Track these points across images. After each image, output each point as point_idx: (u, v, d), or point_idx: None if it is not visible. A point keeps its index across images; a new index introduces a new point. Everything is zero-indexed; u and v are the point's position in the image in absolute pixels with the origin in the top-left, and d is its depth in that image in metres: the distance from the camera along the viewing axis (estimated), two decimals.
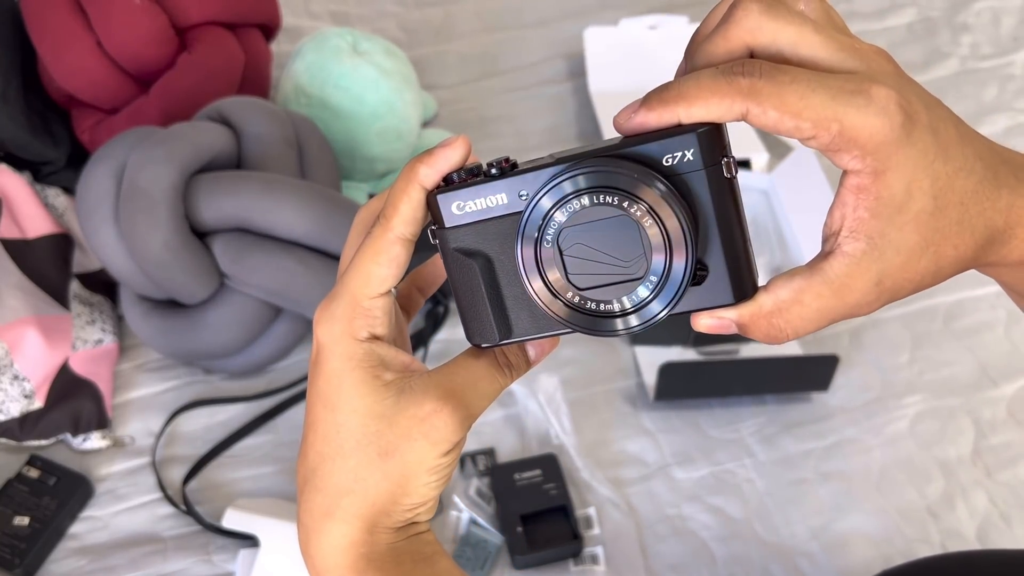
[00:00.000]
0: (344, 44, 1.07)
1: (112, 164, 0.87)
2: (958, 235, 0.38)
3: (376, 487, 0.41)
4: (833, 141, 0.36)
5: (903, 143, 0.36)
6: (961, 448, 0.94)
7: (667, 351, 0.98)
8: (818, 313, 0.38)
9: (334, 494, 0.41)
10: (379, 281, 0.41)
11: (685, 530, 0.88)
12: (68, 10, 0.98)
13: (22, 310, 0.91)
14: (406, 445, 0.40)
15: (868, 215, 0.37)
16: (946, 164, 0.38)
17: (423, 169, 0.40)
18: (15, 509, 0.85)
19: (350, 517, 0.41)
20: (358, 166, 1.09)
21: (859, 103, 0.36)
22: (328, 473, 0.41)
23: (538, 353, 0.44)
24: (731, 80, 0.36)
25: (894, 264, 0.38)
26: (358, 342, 0.41)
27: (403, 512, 0.42)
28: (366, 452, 0.41)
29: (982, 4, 1.40)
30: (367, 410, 0.41)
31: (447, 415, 0.40)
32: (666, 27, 1.26)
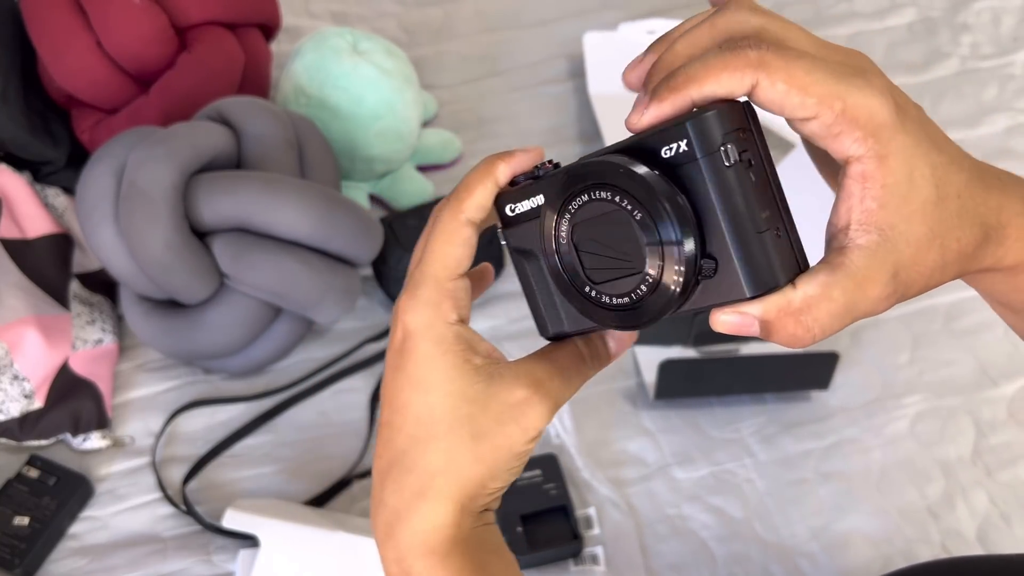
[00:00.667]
0: (344, 44, 1.07)
1: (112, 164, 0.87)
2: (959, 227, 0.38)
3: (468, 469, 0.41)
4: (836, 121, 0.36)
5: (899, 129, 0.36)
6: (961, 448, 0.94)
7: (667, 350, 0.98)
8: (845, 308, 0.37)
9: (428, 474, 0.42)
10: (456, 262, 0.42)
11: (685, 530, 0.88)
12: (68, 10, 0.98)
13: (22, 310, 0.92)
14: (497, 429, 0.41)
15: (876, 206, 0.37)
16: (940, 155, 0.38)
17: (501, 165, 0.42)
18: (15, 509, 0.85)
19: (443, 498, 0.42)
20: (358, 166, 1.09)
21: (860, 83, 0.36)
22: (421, 454, 0.42)
23: (618, 346, 0.45)
24: (740, 53, 0.36)
25: (906, 256, 0.37)
26: (448, 325, 0.42)
27: (487, 496, 0.43)
28: (459, 434, 0.41)
29: (982, 4, 1.40)
30: (460, 393, 0.41)
31: (537, 403, 0.41)
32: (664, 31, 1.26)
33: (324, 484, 0.90)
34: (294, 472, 0.91)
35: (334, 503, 0.89)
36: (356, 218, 0.91)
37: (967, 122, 1.25)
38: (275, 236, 0.88)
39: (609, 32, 1.26)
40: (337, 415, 0.96)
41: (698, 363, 0.95)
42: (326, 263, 0.90)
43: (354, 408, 0.96)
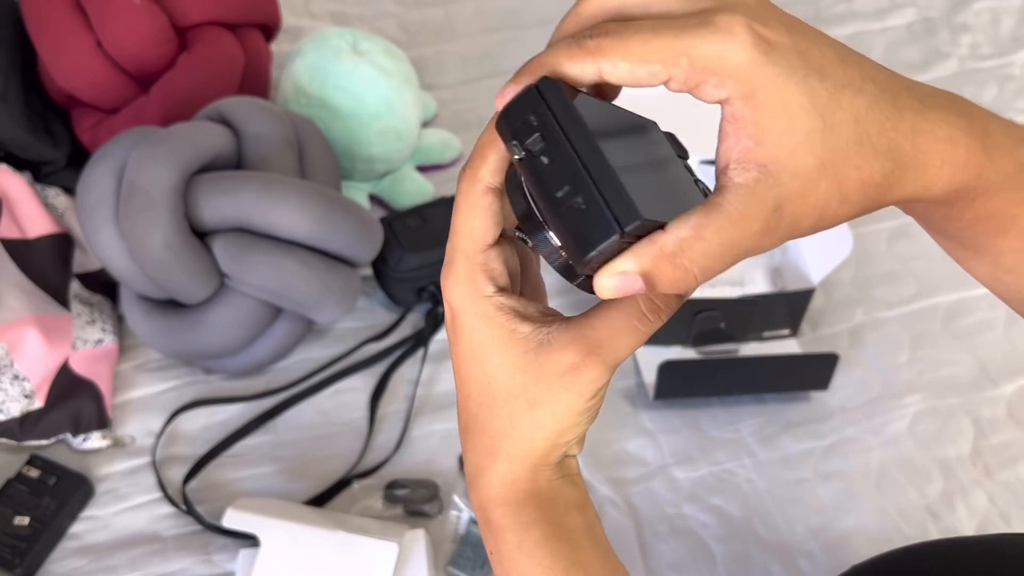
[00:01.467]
0: (344, 44, 1.07)
1: (112, 164, 0.87)
2: (859, 155, 0.37)
3: (532, 433, 0.43)
4: (688, 76, 0.36)
5: (762, 63, 0.36)
6: (961, 448, 0.94)
7: (667, 350, 0.98)
8: (722, 247, 0.37)
9: (495, 437, 0.43)
10: (481, 234, 0.41)
11: (685, 530, 0.88)
12: (68, 10, 0.98)
13: (22, 310, 0.92)
14: (552, 396, 0.42)
15: (752, 143, 0.36)
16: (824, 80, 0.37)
17: None
18: (15, 509, 0.85)
19: (511, 457, 0.44)
20: (358, 166, 1.09)
21: (703, 32, 0.36)
22: (488, 419, 0.44)
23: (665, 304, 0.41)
24: (581, 43, 0.37)
25: (792, 189, 0.36)
26: (487, 299, 0.42)
27: (561, 448, 0.44)
28: (517, 403, 0.42)
29: (982, 4, 1.41)
30: (512, 364, 0.42)
31: (588, 368, 0.41)
32: None
33: (324, 484, 0.90)
34: (294, 472, 0.91)
35: (334, 503, 0.89)
36: (356, 218, 0.91)
37: None
38: (275, 236, 0.88)
39: None
40: (337, 415, 0.96)
41: (697, 364, 0.95)
42: (326, 263, 0.90)
43: (354, 408, 0.96)
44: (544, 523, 0.44)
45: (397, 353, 1.00)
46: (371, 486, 0.90)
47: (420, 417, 0.96)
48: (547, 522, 0.44)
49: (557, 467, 0.45)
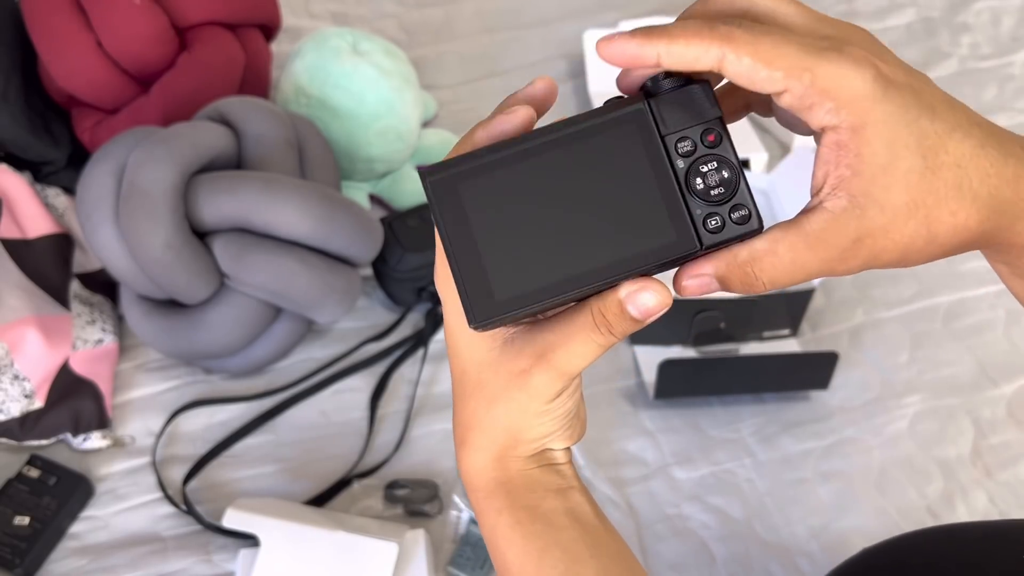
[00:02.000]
0: (344, 44, 1.07)
1: (112, 164, 0.87)
2: (956, 200, 0.37)
3: (492, 427, 0.44)
4: (807, 92, 0.36)
5: (879, 99, 0.36)
6: (961, 448, 0.94)
7: (667, 350, 0.98)
8: (792, 265, 0.38)
9: (465, 427, 0.46)
10: None
11: (685, 530, 0.88)
12: (68, 10, 0.98)
13: (22, 310, 0.92)
14: (507, 395, 0.43)
15: (850, 173, 0.37)
16: (935, 122, 0.37)
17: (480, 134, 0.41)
18: (15, 509, 0.85)
19: (476, 448, 0.45)
20: (358, 166, 1.09)
21: (832, 56, 0.36)
22: (460, 409, 0.46)
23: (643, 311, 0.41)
24: (712, 26, 0.37)
25: (877, 224, 0.37)
26: None
27: (528, 445, 0.45)
28: (479, 397, 0.44)
29: (982, 4, 1.41)
30: (478, 359, 0.44)
31: (538, 372, 0.42)
32: None
33: (324, 484, 0.90)
34: (294, 472, 0.91)
35: (334, 503, 0.89)
36: (356, 218, 0.91)
37: None
38: (275, 236, 0.88)
39: (609, 30, 1.26)
40: (337, 415, 0.96)
41: (697, 363, 0.95)
42: (326, 263, 0.90)
43: (354, 408, 0.96)
44: (516, 508, 0.45)
45: (397, 353, 1.00)
46: (371, 486, 0.90)
47: (420, 417, 0.96)
48: (519, 507, 0.45)
49: (531, 458, 0.46)
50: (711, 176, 0.40)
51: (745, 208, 0.40)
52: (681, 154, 0.40)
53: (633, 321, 0.41)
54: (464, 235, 0.39)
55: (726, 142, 0.40)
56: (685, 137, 0.40)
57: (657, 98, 0.40)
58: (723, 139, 0.40)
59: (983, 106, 1.27)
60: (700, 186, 0.40)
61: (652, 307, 0.40)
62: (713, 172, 0.40)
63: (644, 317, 0.41)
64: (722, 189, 0.40)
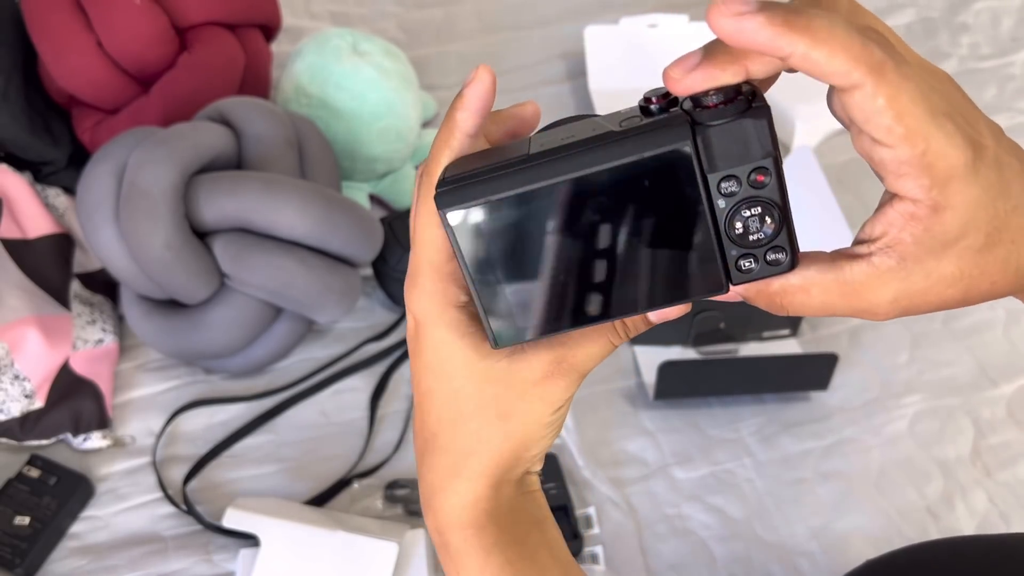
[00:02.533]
0: (344, 44, 1.07)
1: (112, 164, 0.88)
2: (1000, 273, 0.37)
3: (499, 446, 0.42)
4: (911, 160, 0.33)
5: (970, 181, 0.34)
6: (960, 448, 0.94)
7: (666, 350, 0.98)
8: (822, 306, 0.37)
9: (460, 454, 0.43)
10: (443, 241, 0.39)
11: (685, 530, 0.88)
12: (68, 10, 0.98)
13: (23, 310, 0.92)
14: (523, 406, 0.41)
15: (911, 240, 0.35)
16: (1006, 202, 0.36)
17: (460, 114, 0.38)
18: (16, 509, 0.85)
19: (476, 475, 0.43)
20: (358, 166, 1.09)
21: (948, 127, 0.33)
22: (452, 436, 0.43)
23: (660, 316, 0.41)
24: (865, 42, 0.32)
25: (917, 287, 0.36)
26: (457, 308, 0.41)
27: (524, 464, 0.43)
28: (486, 415, 0.42)
29: (981, 4, 1.41)
30: (482, 375, 0.41)
31: (560, 377, 0.41)
32: (666, 26, 1.26)
33: (324, 484, 0.90)
34: (294, 472, 0.91)
35: (334, 503, 0.89)
36: (356, 218, 0.91)
37: None
38: (275, 236, 0.89)
39: (611, 26, 1.26)
40: (337, 415, 0.96)
41: (697, 364, 0.95)
42: (326, 263, 0.90)
43: (354, 408, 0.96)
44: (506, 545, 0.43)
45: (397, 353, 1.00)
46: (371, 486, 0.90)
47: None
48: (509, 544, 0.43)
49: (518, 483, 0.44)
50: (752, 222, 0.36)
51: (783, 251, 0.37)
52: (724, 194, 0.36)
53: (648, 324, 0.41)
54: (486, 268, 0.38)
55: (775, 182, 0.36)
56: (732, 176, 0.35)
57: (704, 130, 0.35)
58: (773, 178, 0.36)
59: (983, 106, 1.27)
60: (740, 231, 0.36)
61: (670, 313, 0.40)
62: (754, 218, 0.36)
63: (660, 320, 0.41)
64: (762, 235, 0.36)
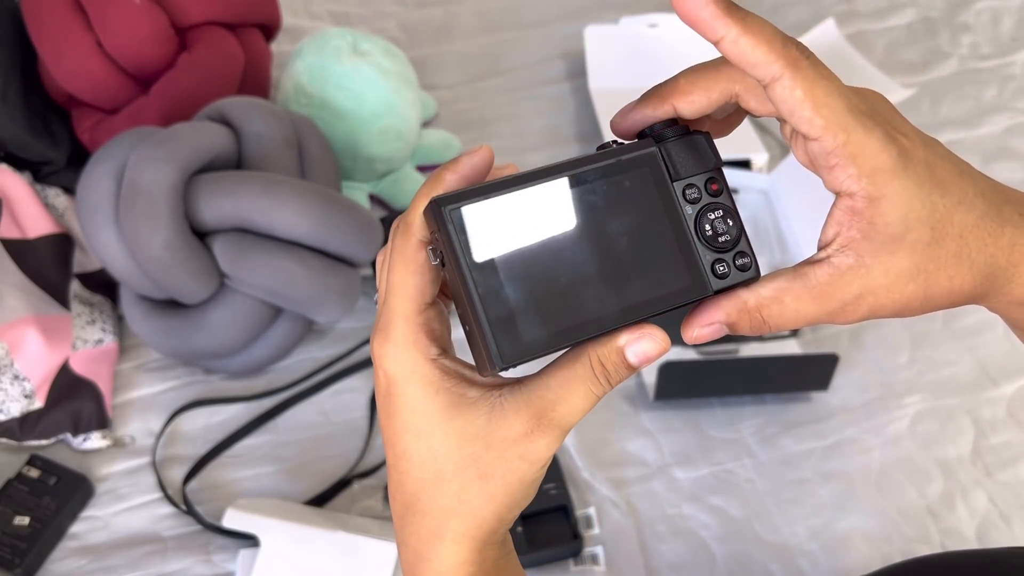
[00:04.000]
0: (344, 44, 1.07)
1: (112, 164, 0.88)
2: (955, 267, 0.40)
3: (482, 508, 0.40)
4: (835, 151, 0.37)
5: (899, 173, 0.38)
6: (961, 448, 0.94)
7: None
8: (796, 314, 0.40)
9: (441, 517, 0.41)
10: (419, 292, 0.39)
11: (685, 530, 0.88)
12: (68, 10, 0.98)
13: (22, 310, 0.92)
14: (504, 466, 0.40)
15: (860, 236, 0.39)
16: (945, 196, 0.39)
17: (448, 175, 0.40)
18: (15, 509, 0.85)
19: (459, 538, 0.41)
20: (358, 166, 1.09)
21: (868, 123, 0.38)
22: (432, 497, 0.41)
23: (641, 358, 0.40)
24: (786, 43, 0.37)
25: (879, 283, 0.39)
26: (432, 362, 0.40)
27: (506, 525, 0.42)
28: (466, 475, 0.40)
29: (982, 4, 1.41)
30: (460, 433, 0.39)
31: (540, 435, 0.39)
32: (666, 25, 1.26)
33: (324, 484, 0.90)
34: (294, 472, 0.91)
35: (334, 503, 0.89)
36: (356, 218, 0.91)
37: (967, 122, 1.25)
38: (275, 236, 0.89)
39: (610, 26, 1.26)
40: (337, 415, 0.96)
41: (697, 364, 0.95)
42: (326, 263, 0.90)
43: (354, 408, 0.96)
44: None
45: None
46: (371, 486, 0.90)
47: None
48: None
49: (501, 545, 0.43)
50: (717, 224, 0.41)
51: (747, 256, 0.41)
52: (688, 200, 0.40)
53: (629, 368, 0.40)
54: (487, 273, 0.37)
55: (726, 191, 0.41)
56: (692, 184, 0.40)
57: (665, 144, 0.40)
58: (724, 188, 0.41)
59: (983, 106, 1.27)
60: (709, 232, 0.40)
61: (651, 354, 0.40)
62: (719, 220, 0.41)
63: (640, 364, 0.40)
64: (727, 237, 0.41)
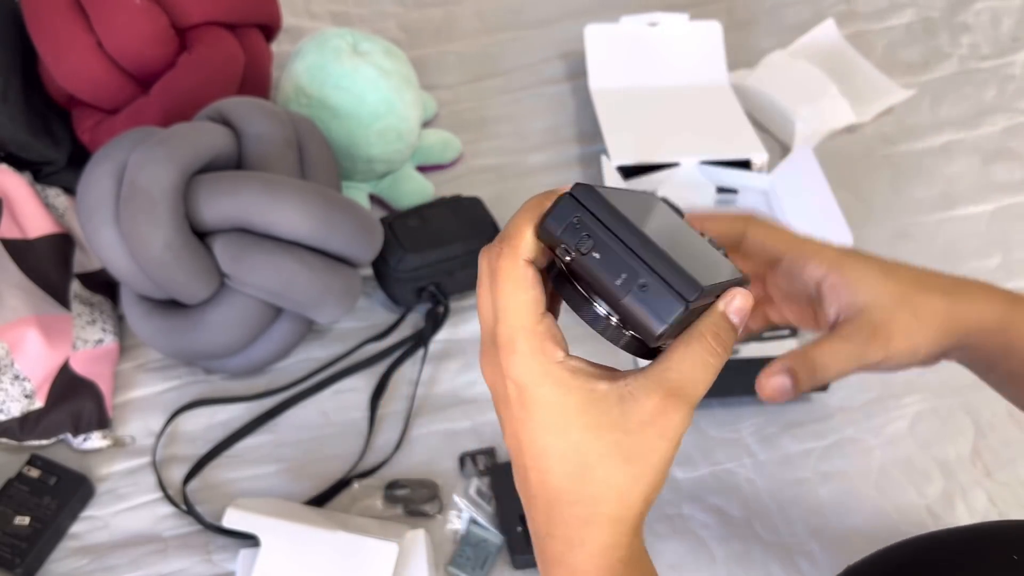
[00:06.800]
0: (344, 44, 1.07)
1: (112, 164, 0.88)
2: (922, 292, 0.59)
3: (629, 490, 0.43)
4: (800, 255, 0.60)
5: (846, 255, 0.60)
6: (960, 448, 0.94)
7: None
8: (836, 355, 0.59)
9: (591, 504, 0.43)
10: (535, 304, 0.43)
11: (685, 530, 0.88)
12: (68, 10, 0.98)
13: (23, 310, 0.92)
14: (646, 447, 0.42)
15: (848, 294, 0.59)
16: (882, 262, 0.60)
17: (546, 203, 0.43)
18: (16, 509, 0.85)
19: (608, 521, 0.43)
20: (358, 166, 1.09)
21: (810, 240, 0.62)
22: (580, 487, 0.43)
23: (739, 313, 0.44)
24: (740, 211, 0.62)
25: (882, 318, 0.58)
26: (560, 364, 0.42)
27: (651, 504, 0.44)
28: (612, 461, 0.42)
29: (981, 4, 1.41)
30: (597, 424, 0.42)
31: (672, 411, 0.42)
32: (667, 24, 1.26)
33: (324, 484, 0.90)
34: (294, 472, 0.91)
35: (335, 503, 0.89)
36: (356, 218, 0.91)
37: (967, 123, 1.25)
38: (275, 236, 0.89)
39: (611, 25, 1.26)
40: (337, 415, 0.96)
41: None
42: (326, 263, 0.90)
43: (354, 408, 0.96)
44: None
45: (397, 353, 1.00)
46: (371, 486, 0.90)
47: (420, 417, 0.96)
48: None
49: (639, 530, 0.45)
50: None
51: None
52: None
53: (733, 328, 0.44)
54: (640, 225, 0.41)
55: None
56: None
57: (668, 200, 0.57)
58: None
59: (983, 106, 1.27)
60: None
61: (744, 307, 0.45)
62: None
63: (740, 321, 0.45)
64: None
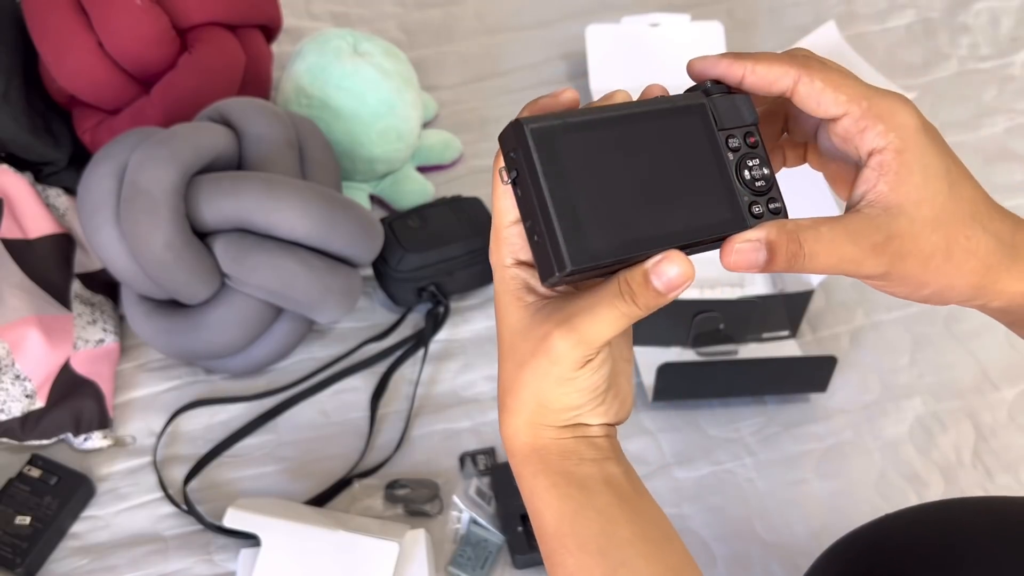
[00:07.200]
0: (345, 45, 1.07)
1: (113, 165, 0.88)
2: (970, 227, 0.45)
3: (522, 392, 0.46)
4: (863, 116, 0.44)
5: (920, 129, 0.44)
6: (961, 451, 0.94)
7: (666, 352, 0.98)
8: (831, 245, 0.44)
9: (503, 391, 0.48)
10: (503, 212, 0.45)
11: (685, 530, 0.88)
12: (69, 11, 0.98)
13: (24, 310, 0.92)
14: (532, 360, 0.45)
15: (887, 189, 0.44)
16: (958, 165, 0.45)
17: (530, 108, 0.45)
18: (16, 508, 0.85)
19: (509, 411, 0.47)
20: (359, 167, 1.09)
21: (883, 92, 0.45)
22: (501, 370, 0.48)
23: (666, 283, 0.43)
24: (792, 54, 0.46)
25: (905, 229, 0.44)
26: (505, 268, 0.46)
27: (555, 415, 0.47)
28: (511, 361, 0.47)
29: (981, 5, 1.41)
30: (511, 327, 0.46)
31: (559, 338, 0.44)
32: (668, 25, 1.26)
33: (325, 484, 0.90)
34: (295, 472, 0.91)
35: (335, 502, 0.89)
36: (356, 219, 0.91)
37: (967, 123, 1.25)
38: (276, 237, 0.89)
39: (612, 25, 1.26)
40: (337, 415, 0.96)
41: (696, 366, 0.95)
42: (326, 263, 0.90)
43: (354, 408, 0.96)
44: (550, 472, 0.47)
45: (397, 353, 1.00)
46: (371, 486, 0.90)
47: (420, 417, 0.96)
48: (554, 472, 0.47)
49: (564, 429, 0.47)
50: (755, 170, 0.46)
51: (779, 202, 0.47)
52: (731, 148, 0.46)
53: (656, 293, 0.43)
54: (561, 185, 0.41)
55: (762, 146, 0.47)
56: (733, 135, 0.46)
57: (712, 98, 0.46)
58: (760, 143, 0.47)
59: (983, 107, 1.27)
60: (748, 176, 0.46)
61: (674, 279, 0.42)
62: (756, 167, 0.46)
63: (667, 290, 0.43)
64: (763, 183, 0.46)
